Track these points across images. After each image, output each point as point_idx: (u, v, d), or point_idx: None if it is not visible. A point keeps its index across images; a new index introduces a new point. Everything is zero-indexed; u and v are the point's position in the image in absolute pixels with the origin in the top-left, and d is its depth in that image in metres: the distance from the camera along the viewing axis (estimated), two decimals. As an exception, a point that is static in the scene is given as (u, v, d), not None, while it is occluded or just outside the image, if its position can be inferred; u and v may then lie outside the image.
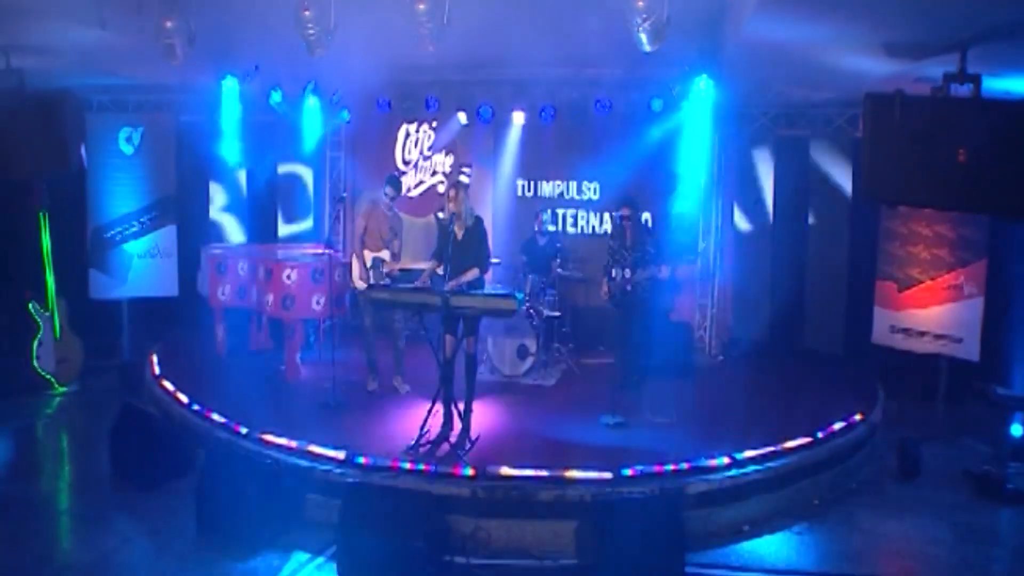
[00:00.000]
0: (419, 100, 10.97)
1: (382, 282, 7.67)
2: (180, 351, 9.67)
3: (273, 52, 7.97)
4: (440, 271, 7.20)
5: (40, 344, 9.38)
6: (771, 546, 6.28)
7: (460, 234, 7.17)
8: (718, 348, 11.10)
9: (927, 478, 7.69)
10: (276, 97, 9.21)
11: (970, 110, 5.20)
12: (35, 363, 9.35)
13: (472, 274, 7.09)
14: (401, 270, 8.08)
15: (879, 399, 8.78)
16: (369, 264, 8.28)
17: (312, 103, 9.93)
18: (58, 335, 9.51)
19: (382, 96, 10.92)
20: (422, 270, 7.42)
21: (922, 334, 9.23)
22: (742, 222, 10.87)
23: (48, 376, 9.43)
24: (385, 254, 8.34)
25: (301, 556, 5.84)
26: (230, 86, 8.66)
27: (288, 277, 8.41)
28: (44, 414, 8.88)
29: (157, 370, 8.77)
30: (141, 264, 10.73)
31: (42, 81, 7.17)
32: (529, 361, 9.27)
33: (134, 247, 10.69)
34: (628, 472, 6.38)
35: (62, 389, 9.48)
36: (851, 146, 9.99)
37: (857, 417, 7.95)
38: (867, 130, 5.19)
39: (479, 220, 7.31)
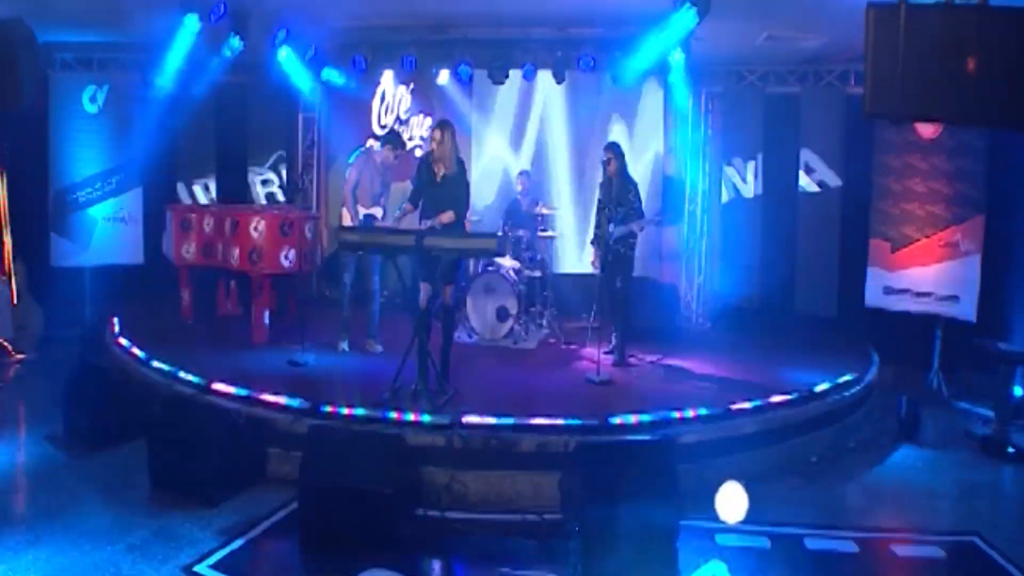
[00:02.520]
0: (395, 60, 10.57)
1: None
2: (143, 316, 9.18)
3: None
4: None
5: (-4, 310, 8.93)
6: (769, 501, 5.87)
7: (439, 177, 6.77)
8: (704, 314, 10.75)
9: (927, 439, 7.36)
10: (235, 43, 8.61)
11: (979, 17, 4.80)
12: (-9, 329, 8.89)
13: (448, 216, 6.68)
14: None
15: (874, 361, 8.47)
16: (360, 221, 7.85)
17: (284, 55, 9.43)
18: (16, 301, 9.03)
19: (357, 54, 10.52)
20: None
21: (917, 294, 8.90)
22: (731, 184, 10.48)
23: (5, 343, 8.95)
24: (377, 211, 7.93)
25: (261, 511, 5.41)
26: (190, 25, 8.01)
27: (255, 229, 7.95)
28: (-1, 379, 8.42)
29: (116, 330, 8.30)
30: (105, 229, 10.20)
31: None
32: (509, 323, 8.87)
33: (98, 211, 10.17)
34: (616, 420, 5.99)
35: (19, 357, 8.99)
36: (843, 103, 9.68)
37: (851, 376, 7.61)
38: (870, 43, 4.77)
39: (462, 164, 6.90)
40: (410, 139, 11.32)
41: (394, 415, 5.97)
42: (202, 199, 11.02)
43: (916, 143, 8.78)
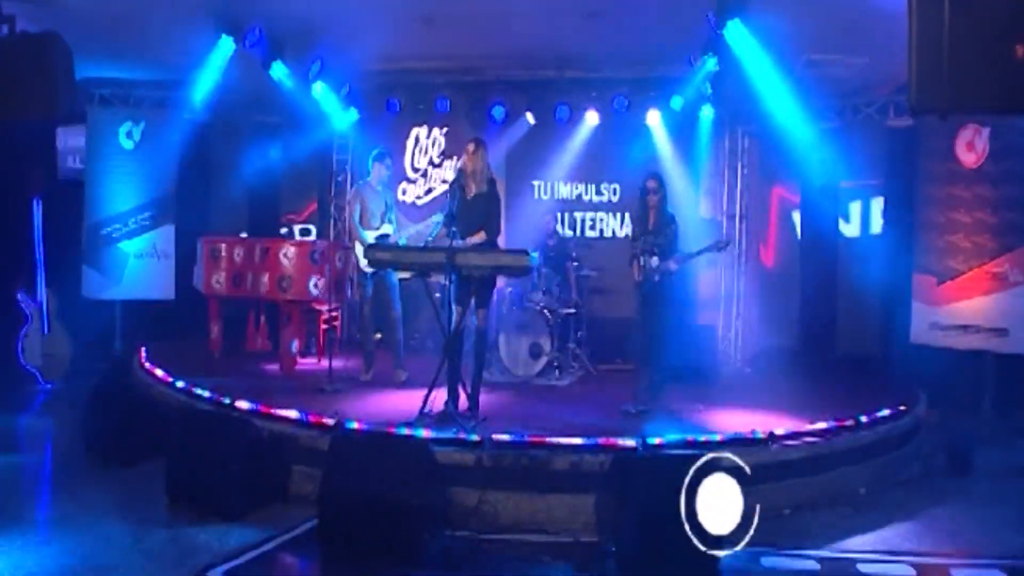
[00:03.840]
0: (429, 102, 10.64)
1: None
2: (173, 348, 9.09)
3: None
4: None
5: (27, 337, 8.89)
6: (815, 528, 5.57)
7: (470, 196, 6.66)
8: (744, 358, 10.45)
9: (981, 474, 6.97)
10: (279, 69, 8.67)
11: (1027, 0, 4.63)
12: (20, 356, 8.84)
13: (479, 237, 6.54)
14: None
15: (920, 397, 8.10)
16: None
17: (319, 89, 9.50)
18: (46, 329, 9.02)
19: (391, 96, 10.61)
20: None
21: (965, 328, 8.55)
22: (769, 222, 10.30)
23: (34, 371, 8.91)
24: (388, 229, 7.86)
25: (281, 526, 5.17)
26: (225, 48, 8.11)
27: (285, 256, 7.90)
28: (25, 405, 8.35)
29: (144, 356, 8.23)
30: (137, 264, 10.25)
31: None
32: (543, 361, 8.64)
33: (130, 246, 10.23)
34: (655, 441, 5.70)
35: (47, 386, 8.94)
36: (882, 136, 9.53)
37: (900, 408, 7.27)
38: (913, 34, 4.63)
39: (493, 183, 6.79)
40: (443, 182, 11.29)
41: (422, 432, 5.75)
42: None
43: (959, 172, 8.57)
